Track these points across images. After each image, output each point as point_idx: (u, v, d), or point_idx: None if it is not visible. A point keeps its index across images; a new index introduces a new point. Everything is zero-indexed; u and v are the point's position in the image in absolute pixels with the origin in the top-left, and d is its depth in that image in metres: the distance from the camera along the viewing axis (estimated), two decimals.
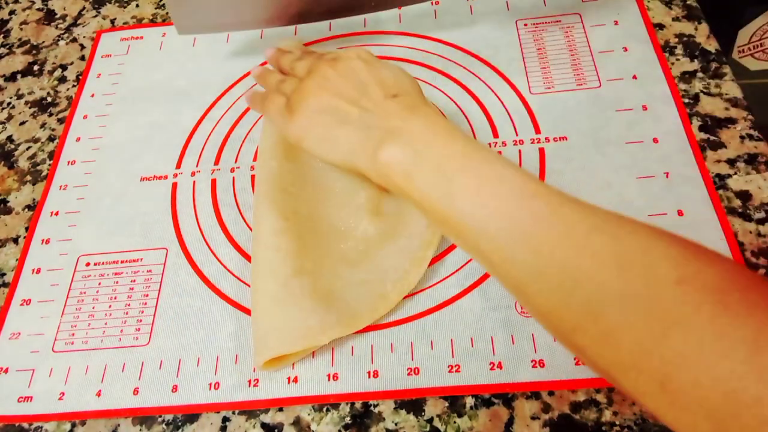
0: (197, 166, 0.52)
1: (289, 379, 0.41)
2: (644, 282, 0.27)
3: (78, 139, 0.55)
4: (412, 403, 0.40)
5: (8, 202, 0.53)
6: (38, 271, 0.48)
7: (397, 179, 0.36)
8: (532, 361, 0.40)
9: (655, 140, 0.47)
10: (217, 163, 0.52)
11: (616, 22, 0.55)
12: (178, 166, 0.52)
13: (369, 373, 0.41)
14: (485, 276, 0.43)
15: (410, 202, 0.36)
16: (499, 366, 0.40)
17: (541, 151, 0.48)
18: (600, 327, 0.28)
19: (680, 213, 0.44)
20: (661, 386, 0.26)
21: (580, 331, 0.29)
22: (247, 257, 0.46)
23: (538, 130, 0.50)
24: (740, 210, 0.44)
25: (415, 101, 0.39)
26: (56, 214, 0.51)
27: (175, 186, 0.51)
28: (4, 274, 0.49)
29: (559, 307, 0.30)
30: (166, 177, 0.52)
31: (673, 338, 0.25)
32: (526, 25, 0.56)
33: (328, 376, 0.41)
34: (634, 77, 0.51)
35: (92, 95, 0.58)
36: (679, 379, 0.25)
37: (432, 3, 0.58)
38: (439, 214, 0.34)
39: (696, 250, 0.28)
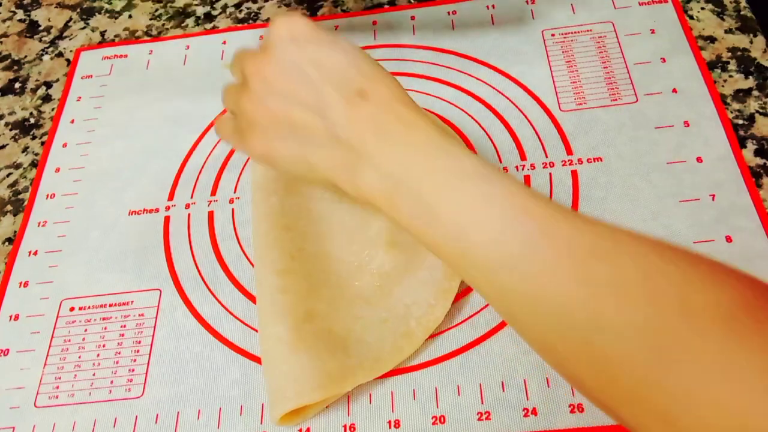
0: (192, 197, 0.56)
1: (300, 431, 0.44)
2: (644, 312, 0.29)
3: (57, 170, 0.59)
4: None
5: None
6: (16, 317, 0.52)
7: (383, 207, 0.37)
8: (570, 406, 0.43)
9: (699, 159, 0.51)
10: (214, 193, 0.56)
11: (652, 31, 0.59)
12: (171, 197, 0.56)
13: (389, 423, 0.44)
14: None
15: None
16: (534, 412, 0.43)
17: (574, 173, 0.52)
18: (596, 358, 0.30)
19: (729, 239, 0.47)
20: (665, 423, 0.27)
21: (574, 361, 0.31)
22: (251, 297, 0.50)
23: (570, 151, 0.54)
24: None
25: (382, 97, 0.38)
26: (35, 253, 0.55)
27: (167, 220, 0.55)
28: None
29: (554, 338, 0.32)
30: (157, 210, 0.56)
31: (677, 372, 0.27)
32: (553, 35, 0.60)
33: (344, 427, 0.44)
34: (674, 91, 0.55)
35: (72, 121, 0.62)
36: (686, 417, 0.27)
37: (449, 12, 0.63)
38: (429, 241, 0.36)
39: (707, 271, 0.30)
